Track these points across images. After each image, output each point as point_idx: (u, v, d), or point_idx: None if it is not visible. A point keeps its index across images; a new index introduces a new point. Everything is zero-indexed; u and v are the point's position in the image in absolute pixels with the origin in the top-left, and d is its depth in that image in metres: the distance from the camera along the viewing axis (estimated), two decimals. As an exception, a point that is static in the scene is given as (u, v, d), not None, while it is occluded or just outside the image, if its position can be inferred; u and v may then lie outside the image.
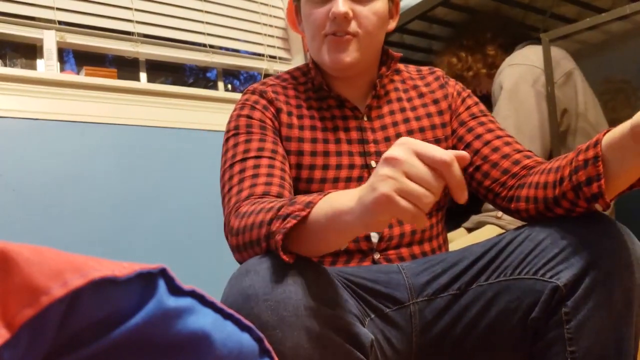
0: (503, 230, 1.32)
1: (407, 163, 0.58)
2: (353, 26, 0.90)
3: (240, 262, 0.77)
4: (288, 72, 1.02)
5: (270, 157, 0.88)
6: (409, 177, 0.58)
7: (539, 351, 0.73)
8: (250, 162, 0.87)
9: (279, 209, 0.70)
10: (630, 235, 0.71)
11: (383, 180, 0.59)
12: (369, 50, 0.93)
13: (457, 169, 0.58)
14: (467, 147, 0.94)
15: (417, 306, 0.82)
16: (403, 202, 0.58)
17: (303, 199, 0.69)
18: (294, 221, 0.66)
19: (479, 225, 1.39)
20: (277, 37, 2.22)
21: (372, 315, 0.80)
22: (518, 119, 1.35)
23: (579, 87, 1.39)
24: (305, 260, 0.68)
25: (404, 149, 0.59)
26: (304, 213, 0.66)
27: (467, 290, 0.79)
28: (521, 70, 1.38)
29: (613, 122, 1.48)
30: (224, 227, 0.82)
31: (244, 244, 0.74)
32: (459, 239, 1.37)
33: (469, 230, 1.41)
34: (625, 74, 1.49)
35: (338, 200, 0.65)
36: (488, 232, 1.33)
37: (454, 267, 0.82)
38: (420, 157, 0.59)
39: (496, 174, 0.88)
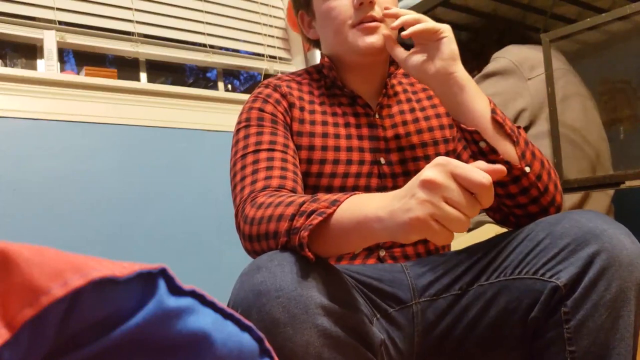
0: (502, 230, 1.32)
1: (445, 187, 0.58)
2: (377, 11, 0.91)
3: (250, 251, 0.77)
4: (304, 69, 1.03)
5: (282, 151, 0.88)
6: (446, 201, 0.58)
7: (539, 351, 0.74)
8: (264, 154, 0.87)
9: (300, 205, 0.69)
10: (629, 234, 0.71)
11: (420, 204, 0.59)
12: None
13: (492, 192, 0.59)
14: (465, 148, 0.95)
15: (420, 306, 0.83)
16: (436, 227, 0.58)
17: (327, 197, 0.69)
18: (320, 218, 0.66)
19: (478, 225, 1.39)
20: (277, 37, 2.22)
21: (378, 315, 0.81)
22: None
23: (558, 86, 1.38)
24: (318, 258, 0.68)
25: (442, 170, 0.59)
26: (329, 211, 0.66)
27: (468, 291, 0.80)
28: (499, 63, 1.40)
29: (612, 123, 1.48)
30: (235, 215, 0.82)
31: (258, 235, 0.74)
32: (458, 239, 1.37)
33: (468, 230, 1.41)
34: (625, 74, 1.49)
35: (367, 205, 0.65)
36: (486, 232, 1.33)
37: (456, 267, 0.82)
38: (458, 179, 0.59)
39: None
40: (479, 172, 0.58)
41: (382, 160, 0.93)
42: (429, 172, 0.59)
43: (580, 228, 0.71)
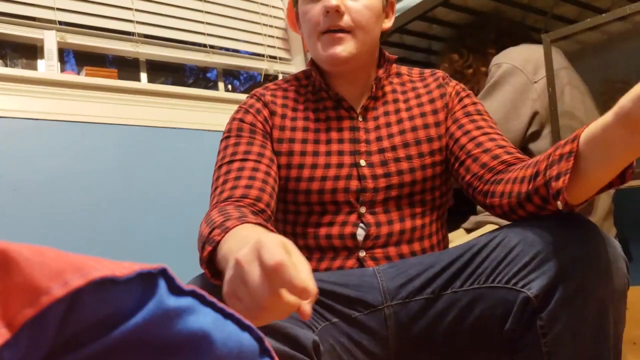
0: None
1: (244, 270, 0.54)
2: (346, 20, 0.90)
3: None
4: (295, 75, 1.05)
5: (255, 161, 0.90)
6: (244, 282, 0.54)
7: None
8: (236, 165, 0.89)
9: (212, 229, 0.71)
10: (607, 239, 0.69)
11: (229, 280, 0.57)
12: (365, 46, 0.93)
13: (287, 275, 0.50)
14: (455, 143, 0.94)
15: (392, 309, 0.82)
16: (237, 306, 0.55)
17: (229, 223, 0.69)
18: (210, 248, 0.68)
19: (478, 225, 1.38)
20: (277, 37, 2.22)
21: (334, 320, 0.80)
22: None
23: (564, 83, 1.38)
24: None
25: (251, 249, 0.55)
26: (218, 238, 0.68)
27: (441, 295, 0.79)
28: (503, 69, 1.39)
29: (613, 123, 1.48)
30: None
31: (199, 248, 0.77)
32: (458, 240, 1.37)
33: (468, 231, 1.41)
34: (625, 74, 1.49)
35: (229, 244, 0.66)
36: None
37: (428, 270, 0.81)
38: (260, 259, 0.53)
39: (475, 167, 0.89)
40: (273, 251, 0.52)
41: (362, 163, 0.93)
42: (244, 250, 0.56)
43: (553, 235, 0.69)
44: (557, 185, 0.68)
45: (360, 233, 0.91)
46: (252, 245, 0.55)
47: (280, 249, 0.53)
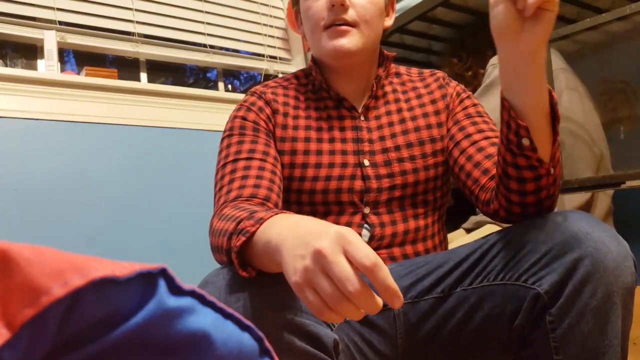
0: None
1: (328, 260, 0.53)
2: (351, 15, 0.90)
3: (217, 261, 0.79)
4: (293, 73, 1.04)
5: (261, 159, 0.89)
6: (328, 274, 0.54)
7: (527, 359, 0.73)
8: (241, 164, 0.88)
9: (239, 222, 0.69)
10: (615, 236, 0.70)
11: (304, 270, 0.55)
12: (368, 42, 0.93)
13: (382, 275, 0.53)
14: (456, 145, 0.94)
15: (401, 309, 0.82)
16: (310, 297, 0.55)
17: (260, 214, 0.68)
18: (244, 238, 0.66)
19: (478, 225, 1.38)
20: (277, 37, 2.22)
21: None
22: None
23: (562, 87, 1.37)
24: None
25: (334, 242, 0.54)
26: (252, 229, 0.66)
27: (451, 294, 0.79)
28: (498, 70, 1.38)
29: (612, 123, 1.48)
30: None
31: (215, 246, 0.76)
32: (458, 240, 1.37)
33: (468, 230, 1.41)
34: (625, 74, 1.49)
35: (276, 230, 0.63)
36: (487, 232, 1.33)
37: (438, 269, 0.81)
38: (347, 254, 0.54)
39: (477, 174, 0.88)
40: (370, 250, 0.53)
41: (366, 162, 0.93)
42: (324, 241, 0.55)
43: (563, 232, 0.69)
44: (512, 133, 0.71)
45: (365, 234, 0.91)
46: (333, 236, 0.55)
47: (368, 246, 0.54)
